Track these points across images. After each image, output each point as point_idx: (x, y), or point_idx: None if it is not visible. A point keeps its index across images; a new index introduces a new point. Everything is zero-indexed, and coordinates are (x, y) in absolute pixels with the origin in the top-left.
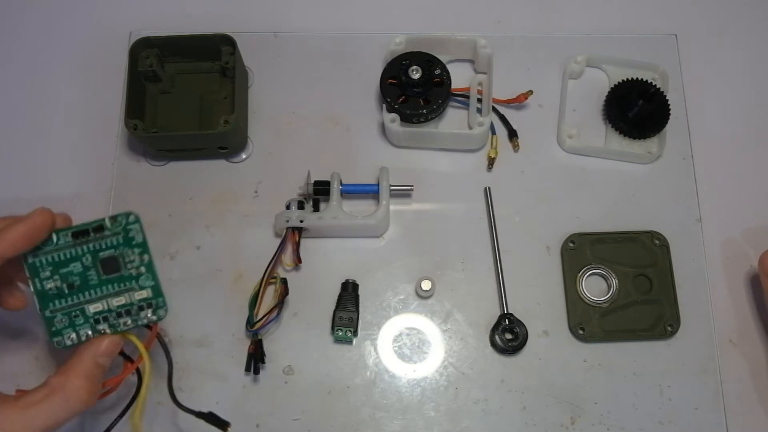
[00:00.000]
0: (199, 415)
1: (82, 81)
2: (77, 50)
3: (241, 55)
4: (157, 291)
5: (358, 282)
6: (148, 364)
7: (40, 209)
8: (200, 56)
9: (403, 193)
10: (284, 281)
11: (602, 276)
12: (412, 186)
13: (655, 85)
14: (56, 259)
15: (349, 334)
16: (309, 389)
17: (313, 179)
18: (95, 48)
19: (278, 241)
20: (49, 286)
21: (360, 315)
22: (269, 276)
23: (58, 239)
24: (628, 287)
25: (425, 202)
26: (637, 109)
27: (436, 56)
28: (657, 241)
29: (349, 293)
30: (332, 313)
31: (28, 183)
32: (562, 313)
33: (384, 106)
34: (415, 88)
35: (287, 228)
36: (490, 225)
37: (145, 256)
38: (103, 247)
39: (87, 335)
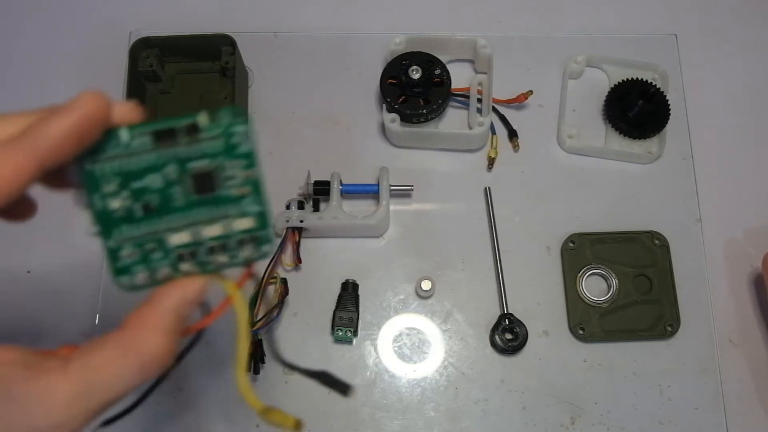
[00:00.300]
0: (312, 374)
1: (82, 81)
2: (77, 50)
3: (241, 55)
4: (263, 220)
5: (358, 282)
6: (245, 311)
7: (87, 93)
8: (200, 56)
9: (403, 193)
10: (284, 281)
11: (602, 276)
12: (412, 186)
13: (655, 85)
14: (127, 167)
15: (349, 334)
16: (309, 389)
17: (313, 179)
18: (95, 48)
19: (278, 241)
20: (114, 205)
21: (360, 315)
22: (269, 276)
23: (131, 138)
24: (628, 287)
25: (425, 202)
26: (637, 109)
27: (436, 56)
28: (657, 241)
29: (349, 293)
30: (332, 313)
31: None
32: (562, 313)
33: (384, 106)
34: (415, 88)
35: (287, 228)
36: (490, 225)
37: (252, 171)
38: (196, 155)
39: (165, 276)
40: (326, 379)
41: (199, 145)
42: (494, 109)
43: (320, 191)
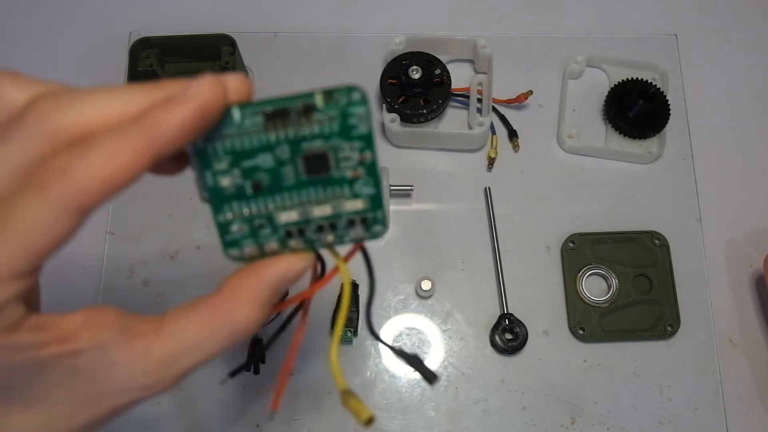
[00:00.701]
0: (404, 355)
1: (82, 81)
2: (77, 50)
3: (241, 55)
4: (376, 202)
5: (358, 282)
6: (348, 284)
7: (209, 77)
8: (200, 56)
9: (403, 193)
10: None
11: (602, 276)
12: (412, 186)
13: (655, 85)
14: (239, 146)
15: (349, 334)
16: (309, 389)
17: None
18: (95, 48)
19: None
20: (225, 183)
21: (360, 315)
22: None
23: (243, 118)
24: (628, 287)
25: (425, 202)
26: (637, 109)
27: (436, 56)
28: (657, 241)
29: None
30: (332, 313)
31: None
32: (562, 313)
33: (384, 106)
34: (415, 88)
35: None
36: (490, 225)
37: (368, 154)
38: (310, 135)
39: (273, 250)
40: (416, 363)
41: (313, 126)
42: (494, 109)
43: None
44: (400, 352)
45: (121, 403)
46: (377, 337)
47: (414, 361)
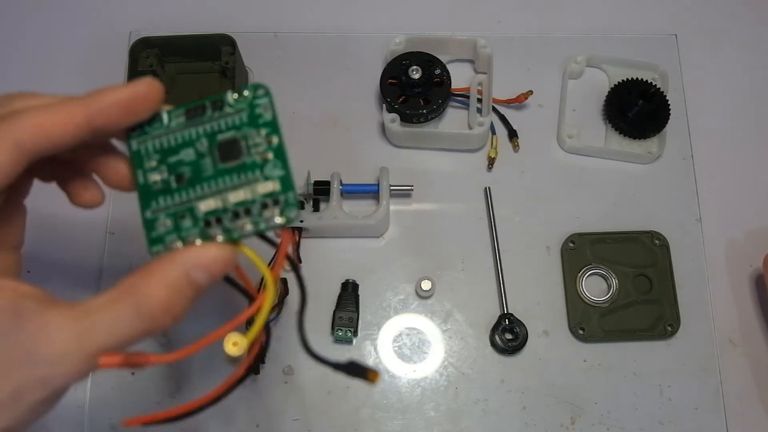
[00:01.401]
0: (341, 367)
1: (82, 81)
2: (77, 50)
3: (241, 55)
4: (287, 183)
5: (358, 282)
6: (272, 288)
7: (148, 79)
8: (200, 56)
9: (403, 193)
10: (284, 281)
11: (602, 276)
12: (412, 186)
13: (655, 85)
14: (165, 144)
15: (349, 334)
16: (309, 389)
17: (313, 179)
18: (95, 48)
19: (278, 241)
20: (153, 178)
21: (360, 315)
22: None
23: (170, 120)
24: (628, 287)
25: (425, 202)
26: (637, 109)
27: (436, 56)
28: (657, 241)
29: (349, 293)
30: (332, 313)
31: None
32: (562, 313)
33: (384, 106)
34: (415, 88)
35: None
36: (490, 225)
37: (274, 138)
38: (223, 127)
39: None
40: (354, 369)
41: (227, 119)
42: (494, 109)
43: (320, 191)
44: (336, 366)
45: (36, 378)
46: (311, 352)
47: (351, 368)
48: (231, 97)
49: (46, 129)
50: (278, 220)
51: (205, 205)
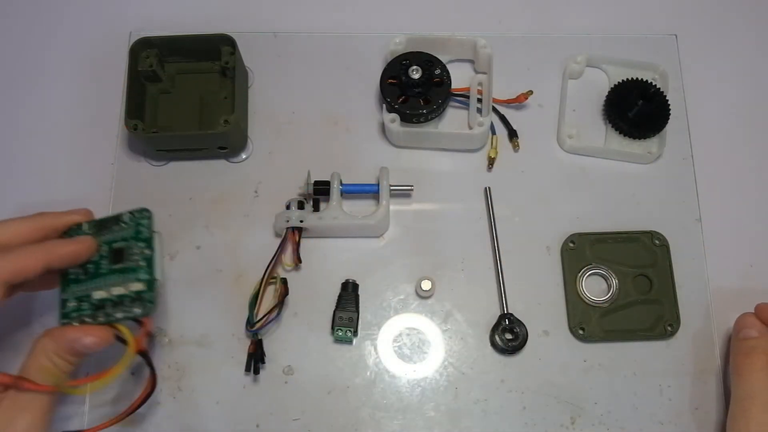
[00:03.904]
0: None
1: (82, 81)
2: (77, 50)
3: (241, 55)
4: (150, 286)
5: (358, 282)
6: (130, 354)
7: (88, 238)
8: (200, 56)
9: (403, 193)
10: (284, 281)
11: (602, 276)
12: (412, 186)
13: (655, 85)
14: None
15: (349, 334)
16: (309, 389)
17: (313, 179)
18: (95, 48)
19: (278, 241)
20: (72, 271)
21: (360, 315)
22: (269, 276)
23: (88, 228)
24: (628, 287)
25: (425, 202)
26: (637, 109)
27: (436, 56)
28: (657, 241)
29: (349, 293)
30: (332, 313)
31: (28, 183)
32: (562, 313)
33: (384, 106)
34: (415, 88)
35: (287, 228)
36: (490, 225)
37: (147, 251)
38: (118, 237)
39: (83, 321)
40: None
41: (121, 232)
42: (494, 109)
43: (320, 191)
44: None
45: None
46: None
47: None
48: (126, 216)
49: (22, 271)
50: (136, 311)
51: (98, 295)
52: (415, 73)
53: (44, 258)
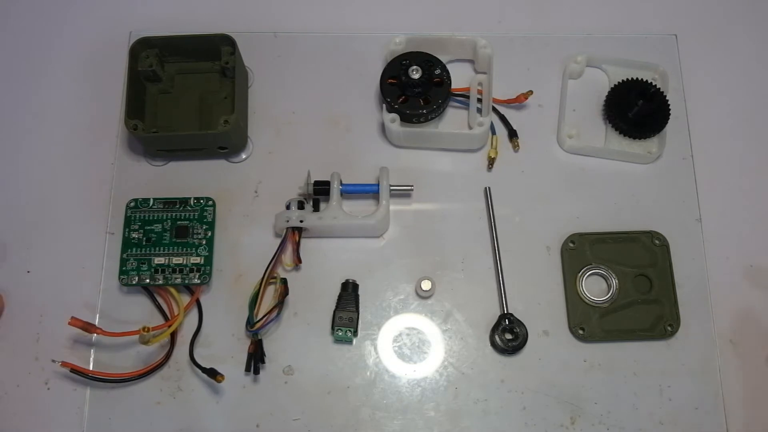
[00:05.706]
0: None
1: (82, 81)
2: (77, 50)
3: (241, 55)
4: (208, 261)
5: (358, 282)
6: (181, 316)
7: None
8: (200, 56)
9: (403, 193)
10: (284, 281)
11: (602, 276)
12: (412, 186)
13: (655, 85)
14: (147, 217)
15: (349, 334)
16: (309, 389)
17: (313, 179)
18: (95, 48)
19: (278, 241)
20: (133, 235)
21: (360, 315)
22: (269, 276)
23: (153, 203)
24: (628, 287)
25: (425, 202)
26: (637, 109)
27: (436, 56)
28: (657, 241)
29: (349, 293)
30: (332, 313)
31: (28, 183)
32: (562, 313)
33: (384, 106)
34: (415, 88)
35: (287, 228)
36: (490, 225)
37: (209, 233)
38: (183, 217)
39: (145, 281)
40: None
41: (186, 213)
42: (494, 109)
43: (320, 191)
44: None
45: None
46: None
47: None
48: (193, 201)
49: None
50: (196, 281)
51: (158, 260)
52: (415, 73)
53: None
